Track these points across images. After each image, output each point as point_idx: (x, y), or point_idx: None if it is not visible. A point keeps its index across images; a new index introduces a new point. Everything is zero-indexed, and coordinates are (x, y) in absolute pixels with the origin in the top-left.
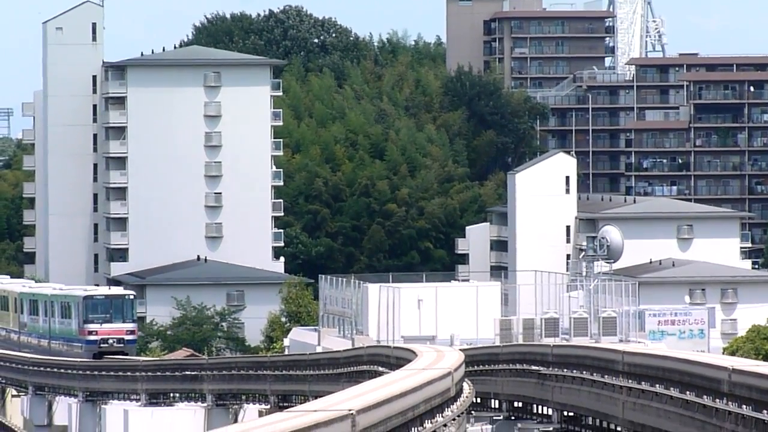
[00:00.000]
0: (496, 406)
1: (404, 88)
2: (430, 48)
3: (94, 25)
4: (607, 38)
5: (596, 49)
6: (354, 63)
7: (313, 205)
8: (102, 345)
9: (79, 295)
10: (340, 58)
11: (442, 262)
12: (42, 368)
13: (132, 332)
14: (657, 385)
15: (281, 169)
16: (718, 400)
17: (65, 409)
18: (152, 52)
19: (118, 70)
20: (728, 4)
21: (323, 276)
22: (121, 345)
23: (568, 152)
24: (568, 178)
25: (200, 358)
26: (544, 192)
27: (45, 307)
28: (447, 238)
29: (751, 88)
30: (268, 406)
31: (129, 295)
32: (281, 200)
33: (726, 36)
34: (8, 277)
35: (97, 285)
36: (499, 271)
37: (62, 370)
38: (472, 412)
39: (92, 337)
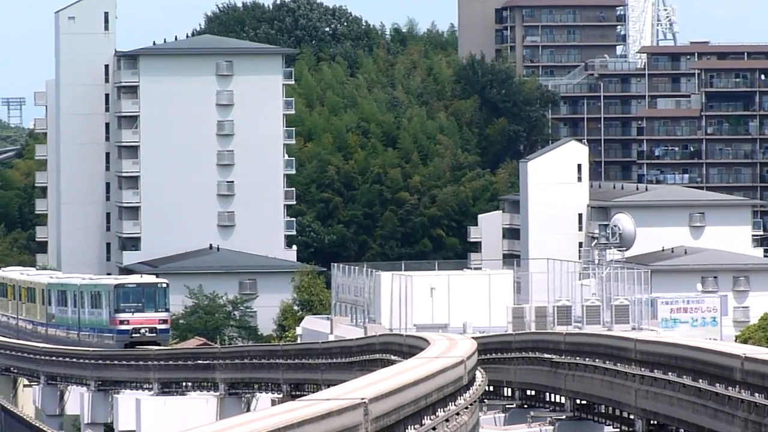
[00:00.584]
0: (509, 394)
1: (416, 77)
2: (442, 37)
3: (106, 14)
4: (619, 26)
5: (608, 38)
6: (366, 52)
7: (326, 194)
8: (134, 335)
9: (109, 283)
10: (352, 47)
11: (454, 250)
12: (54, 358)
13: (165, 321)
14: (670, 373)
15: (293, 158)
16: (730, 388)
17: (77, 398)
18: (164, 42)
19: (130, 59)
20: None
21: (335, 264)
22: (154, 335)
23: (580, 140)
24: (580, 166)
25: (213, 346)
26: (556, 180)
27: (74, 298)
28: (459, 226)
29: (762, 77)
30: (281, 395)
31: (162, 283)
32: (293, 189)
33: (737, 24)
34: (33, 269)
35: (109, 273)
36: (512, 259)
37: (74, 360)
38: (485, 400)
39: (124, 327)
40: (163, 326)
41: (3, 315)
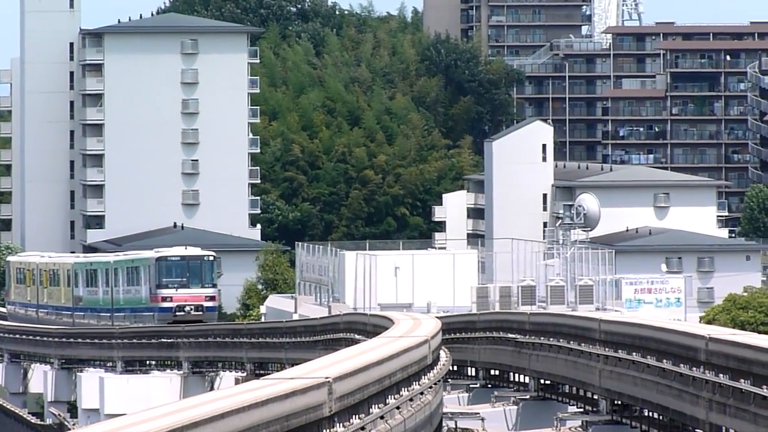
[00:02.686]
0: (473, 373)
1: (382, 56)
2: (407, 17)
3: None
4: (584, 6)
5: (573, 18)
6: (333, 31)
7: (290, 172)
8: (177, 313)
9: (150, 257)
10: (321, 26)
11: (419, 229)
12: (17, 335)
13: (212, 298)
14: (634, 353)
15: (258, 137)
16: (695, 369)
17: (41, 376)
18: (129, 20)
19: (95, 37)
20: None
21: (300, 243)
22: (200, 312)
23: (545, 120)
24: (544, 146)
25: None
26: (521, 160)
27: (106, 276)
28: (424, 206)
29: (728, 57)
30: (245, 374)
31: (208, 256)
32: (258, 168)
33: (703, 4)
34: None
35: (73, 252)
36: (476, 238)
37: (38, 338)
38: (449, 380)
39: (166, 304)
40: (210, 303)
41: (21, 304)
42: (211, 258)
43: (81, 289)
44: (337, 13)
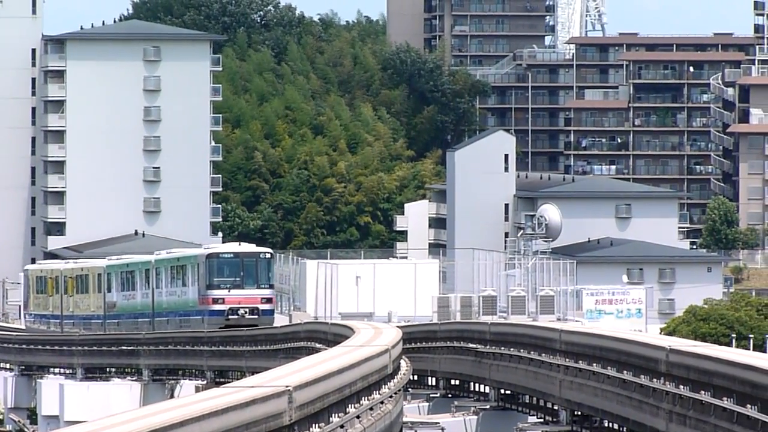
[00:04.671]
0: (434, 383)
1: (345, 65)
2: (370, 26)
3: None
4: (547, 17)
5: (536, 28)
6: (296, 39)
7: (252, 180)
8: (230, 317)
9: (200, 254)
10: (283, 34)
11: (380, 238)
12: None
13: (269, 300)
14: (594, 364)
15: (220, 145)
16: (655, 380)
17: (0, 382)
18: (92, 26)
19: (57, 43)
20: None
21: None
22: (255, 316)
23: (508, 130)
24: (507, 156)
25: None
26: (483, 170)
27: (146, 278)
28: (386, 215)
29: (691, 68)
30: (205, 382)
31: (265, 253)
32: (220, 175)
33: (666, 16)
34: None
35: (33, 259)
36: (438, 248)
37: None
38: (410, 389)
39: (218, 307)
40: (266, 306)
41: (41, 317)
42: (268, 255)
43: (115, 294)
44: (299, 21)
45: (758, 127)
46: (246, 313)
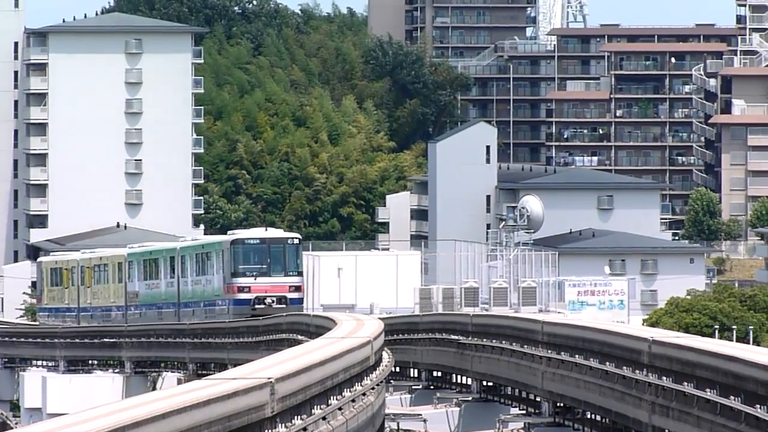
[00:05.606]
0: (416, 375)
1: (325, 57)
2: (351, 18)
3: None
4: (529, 8)
5: (518, 19)
6: (276, 31)
7: (232, 170)
8: (257, 306)
9: (224, 240)
10: (264, 26)
11: (362, 229)
12: None
13: (297, 288)
14: (576, 356)
15: (202, 137)
16: (638, 371)
17: None
18: (74, 19)
19: (39, 36)
20: None
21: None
22: (283, 305)
23: (489, 122)
24: (488, 147)
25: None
26: (465, 161)
27: (171, 266)
28: (368, 206)
29: (672, 60)
30: (187, 374)
31: (293, 238)
32: (201, 168)
33: (647, 7)
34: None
35: (16, 252)
36: (419, 240)
37: None
38: (392, 381)
39: (243, 296)
40: (295, 294)
41: (56, 310)
42: (296, 241)
43: (137, 284)
44: (276, 13)
45: (740, 118)
46: (273, 302)
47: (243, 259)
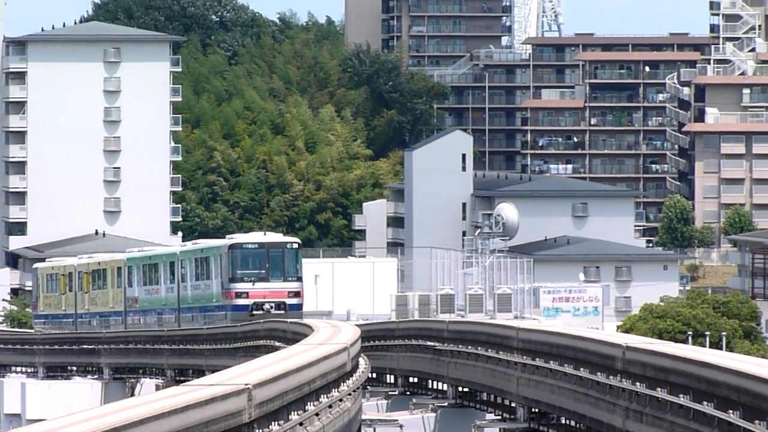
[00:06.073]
0: (392, 381)
1: (302, 66)
2: (326, 26)
3: None
4: (504, 18)
5: (493, 29)
6: (254, 40)
7: (210, 176)
8: (255, 311)
9: (222, 244)
10: (241, 35)
11: (339, 236)
12: None
13: (296, 294)
14: (551, 362)
15: (180, 145)
16: (612, 377)
17: None
18: (53, 28)
19: (18, 45)
20: None
21: None
22: (282, 311)
23: (465, 130)
24: (464, 155)
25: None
26: (441, 169)
27: (171, 271)
28: (345, 212)
29: (647, 68)
30: (165, 380)
31: (292, 243)
32: (179, 175)
33: (622, 16)
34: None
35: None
36: (396, 247)
37: None
38: (368, 387)
39: (241, 301)
40: (294, 300)
41: (53, 317)
42: (295, 246)
43: (136, 289)
44: (253, 22)
45: (714, 126)
46: (272, 308)
47: (241, 264)
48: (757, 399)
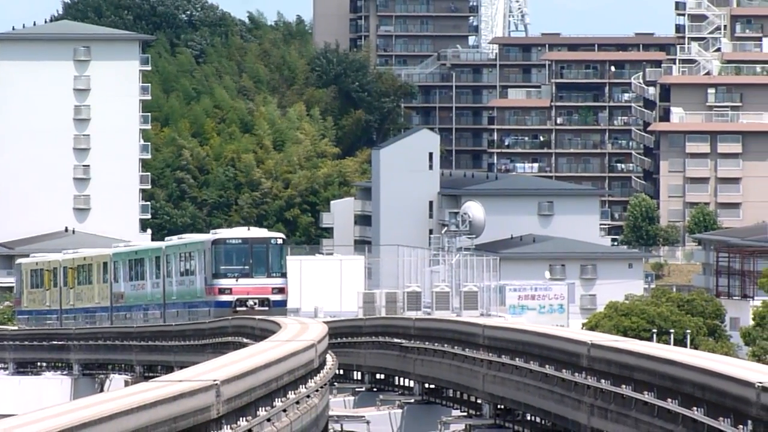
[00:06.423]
0: (359, 377)
1: (269, 65)
2: (294, 26)
3: None
4: (471, 17)
5: (460, 28)
6: (222, 39)
7: (179, 173)
8: (238, 308)
9: (205, 240)
10: (210, 34)
11: (307, 234)
12: None
13: (281, 290)
14: (517, 359)
15: (149, 143)
16: (577, 374)
17: None
18: (23, 27)
19: None
20: None
21: None
22: (266, 308)
23: (432, 129)
24: (431, 154)
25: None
26: (408, 168)
27: (156, 266)
28: (313, 211)
29: (612, 68)
30: (134, 376)
31: (276, 239)
32: (149, 173)
33: (588, 16)
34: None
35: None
36: (363, 245)
37: None
38: (335, 383)
39: (224, 297)
40: (278, 297)
41: (37, 312)
42: (280, 241)
43: (122, 284)
44: (221, 21)
45: (679, 126)
46: (255, 304)
47: (224, 260)
48: (721, 396)
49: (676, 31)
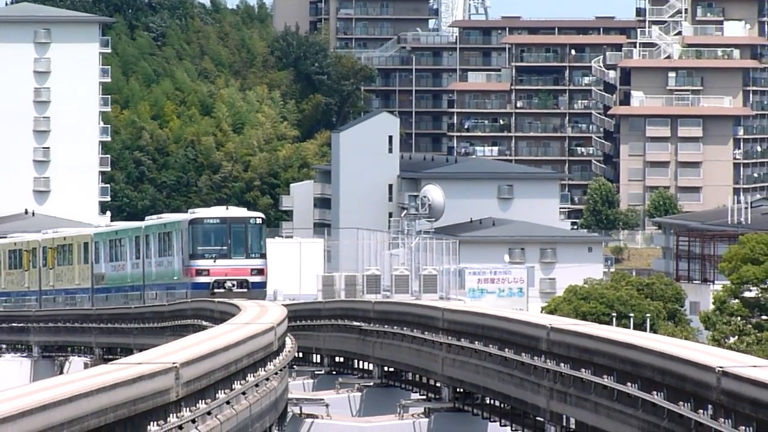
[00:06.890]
0: (318, 360)
1: (229, 47)
2: (254, 9)
3: None
4: (431, 0)
5: (420, 11)
6: (182, 21)
7: (138, 155)
8: (216, 290)
9: (183, 219)
10: (170, 17)
11: (267, 216)
12: None
13: (260, 272)
14: (476, 342)
15: (109, 125)
16: (536, 358)
17: None
18: None
19: None
20: None
21: None
22: (244, 289)
23: (392, 112)
24: (391, 137)
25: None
26: (367, 151)
27: (136, 246)
28: (272, 194)
29: (573, 52)
30: (93, 359)
31: (256, 218)
32: (108, 156)
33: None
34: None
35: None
36: (323, 228)
37: None
38: (294, 366)
39: (202, 279)
40: (257, 278)
41: (15, 294)
42: (259, 221)
43: (103, 265)
44: (183, 4)
45: (639, 110)
46: (234, 285)
47: (202, 240)
48: (681, 380)
49: (636, 14)
